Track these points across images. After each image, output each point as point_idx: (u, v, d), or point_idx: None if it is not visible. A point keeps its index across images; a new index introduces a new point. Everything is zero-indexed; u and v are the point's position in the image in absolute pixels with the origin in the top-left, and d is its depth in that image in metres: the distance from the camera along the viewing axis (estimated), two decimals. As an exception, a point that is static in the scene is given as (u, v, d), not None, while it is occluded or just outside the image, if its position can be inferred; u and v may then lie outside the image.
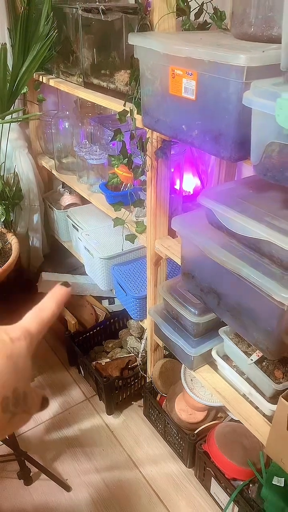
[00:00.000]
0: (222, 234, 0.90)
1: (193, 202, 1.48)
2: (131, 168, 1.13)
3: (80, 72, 1.38)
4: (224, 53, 0.69)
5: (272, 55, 0.68)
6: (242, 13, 0.82)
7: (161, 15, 0.92)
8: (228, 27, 1.02)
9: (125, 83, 1.18)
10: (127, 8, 1.07)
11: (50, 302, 0.38)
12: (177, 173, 1.41)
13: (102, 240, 1.61)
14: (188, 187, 1.55)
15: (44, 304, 0.38)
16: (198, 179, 1.55)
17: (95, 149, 1.53)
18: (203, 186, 1.52)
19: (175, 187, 1.42)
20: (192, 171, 1.56)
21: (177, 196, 1.40)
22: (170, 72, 0.83)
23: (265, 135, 0.67)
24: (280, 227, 0.76)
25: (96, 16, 1.20)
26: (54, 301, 0.38)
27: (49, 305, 0.38)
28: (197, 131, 0.84)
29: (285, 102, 0.59)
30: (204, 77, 0.76)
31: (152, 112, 0.95)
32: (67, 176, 1.71)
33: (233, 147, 0.77)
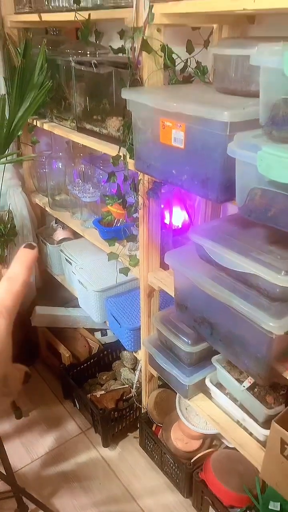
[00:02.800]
0: (212, 268, 0.97)
1: (182, 235, 1.56)
2: (125, 207, 1.21)
3: (73, 117, 1.47)
4: (210, 110, 0.78)
5: (251, 112, 0.77)
6: (223, 72, 0.92)
7: (150, 71, 1.02)
8: (210, 79, 1.13)
9: (117, 129, 1.28)
10: (118, 63, 1.17)
11: (19, 269, 0.35)
12: (167, 208, 1.49)
13: (96, 273, 1.67)
14: (177, 221, 1.63)
15: (13, 273, 0.35)
16: (186, 214, 1.63)
17: (88, 187, 1.61)
18: (191, 220, 1.60)
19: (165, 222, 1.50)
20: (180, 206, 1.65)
21: (167, 230, 1.48)
22: (161, 124, 0.92)
23: (248, 181, 0.75)
24: (265, 262, 0.83)
25: (88, 69, 1.30)
26: (24, 267, 0.35)
27: (18, 273, 0.35)
28: (186, 176, 0.92)
29: (265, 155, 0.67)
30: (192, 129, 0.85)
31: (144, 157, 1.03)
32: (60, 212, 1.78)
33: (220, 190, 0.85)
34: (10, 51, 1.63)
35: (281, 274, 0.79)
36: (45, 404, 1.85)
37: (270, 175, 0.67)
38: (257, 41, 0.87)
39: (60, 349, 1.83)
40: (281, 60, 0.64)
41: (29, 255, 0.36)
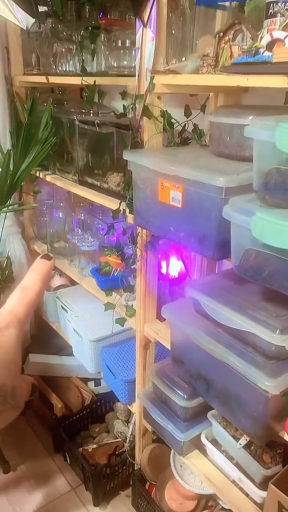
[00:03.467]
0: (208, 323, 0.98)
1: (178, 285, 1.58)
2: (123, 259, 1.23)
3: (75, 171, 1.53)
4: (206, 175, 0.83)
5: (245, 177, 0.81)
6: (219, 137, 0.98)
7: (150, 135, 1.09)
8: (207, 142, 1.20)
9: (117, 184, 1.33)
10: (119, 124, 1.24)
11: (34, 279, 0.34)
12: (164, 259, 1.52)
13: (91, 322, 1.67)
14: (173, 271, 1.66)
15: (28, 283, 0.34)
16: (183, 264, 1.67)
17: (87, 236, 1.65)
18: (187, 270, 1.63)
19: (162, 271, 1.52)
20: (177, 256, 1.68)
21: (164, 280, 1.50)
22: (159, 184, 0.97)
23: (243, 243, 0.78)
24: (261, 319, 0.85)
25: (91, 128, 1.38)
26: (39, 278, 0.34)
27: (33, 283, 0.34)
28: (183, 233, 0.95)
29: (259, 220, 0.71)
30: (189, 190, 0.90)
31: (143, 213, 1.07)
32: (58, 260, 1.80)
33: (216, 249, 0.88)
34: (17, 108, 1.72)
35: (276, 333, 0.80)
36: (34, 457, 1.78)
37: (263, 239, 0.71)
38: (250, 110, 0.94)
39: (53, 399, 1.79)
40: (273, 134, 0.69)
41: (45, 265, 0.35)
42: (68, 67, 1.42)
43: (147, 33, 0.99)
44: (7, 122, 1.72)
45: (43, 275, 0.35)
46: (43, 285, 0.35)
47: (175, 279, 1.63)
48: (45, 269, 0.35)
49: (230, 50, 0.90)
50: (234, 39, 0.91)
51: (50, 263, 0.36)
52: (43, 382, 1.91)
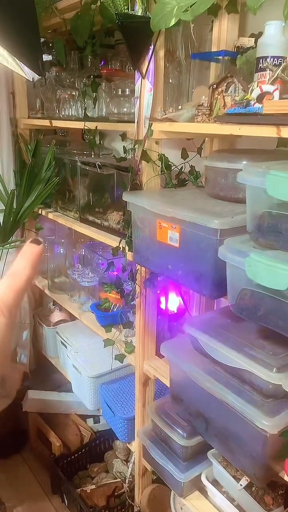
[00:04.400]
0: (207, 360, 0.99)
1: (178, 321, 1.59)
2: (123, 296, 1.26)
3: (77, 209, 1.58)
4: (202, 217, 0.87)
5: (239, 219, 0.85)
6: (214, 180, 1.03)
7: (148, 177, 1.14)
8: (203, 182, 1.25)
9: (117, 222, 1.37)
10: (120, 167, 1.30)
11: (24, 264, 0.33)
12: (163, 294, 1.54)
13: (91, 357, 1.67)
14: (172, 307, 1.68)
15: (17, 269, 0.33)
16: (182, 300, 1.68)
17: (87, 272, 1.68)
18: (186, 306, 1.64)
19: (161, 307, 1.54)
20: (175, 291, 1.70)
21: (163, 316, 1.51)
22: (158, 224, 1.01)
23: (239, 282, 0.81)
24: (258, 357, 0.86)
25: (93, 169, 1.43)
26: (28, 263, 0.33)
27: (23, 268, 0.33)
28: (181, 271, 0.98)
29: (253, 261, 0.74)
30: (186, 231, 0.93)
31: (142, 252, 1.10)
32: (58, 295, 1.82)
33: (213, 287, 0.91)
34: (21, 148, 1.80)
35: (273, 371, 0.81)
36: (31, 498, 1.73)
37: (257, 280, 0.73)
38: (243, 155, 0.99)
39: (51, 438, 1.76)
40: (264, 181, 0.73)
41: (34, 250, 0.34)
42: (71, 112, 1.50)
43: (146, 84, 1.06)
44: (12, 162, 1.78)
45: (33, 260, 0.34)
46: (33, 270, 0.34)
47: (174, 315, 1.65)
48: (34, 254, 0.34)
49: (223, 101, 0.97)
50: (227, 90, 0.97)
51: (39, 247, 0.35)
52: (42, 419, 1.88)
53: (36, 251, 0.35)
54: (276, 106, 0.77)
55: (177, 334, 1.47)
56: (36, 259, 0.34)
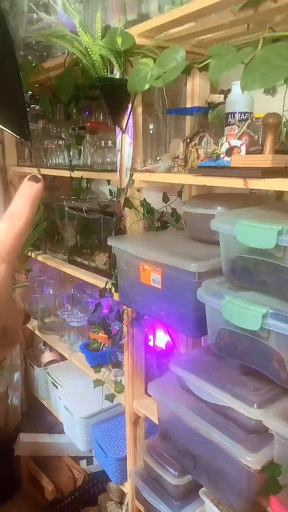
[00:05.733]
0: (192, 398, 1.02)
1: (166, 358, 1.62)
2: (110, 337, 1.29)
3: (65, 251, 1.64)
4: (181, 261, 0.93)
5: (215, 262, 0.91)
6: (192, 224, 1.10)
7: (131, 222, 1.21)
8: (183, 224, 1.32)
9: (104, 263, 1.43)
10: (105, 212, 1.37)
11: (22, 205, 0.31)
12: (151, 331, 1.58)
13: (82, 397, 1.68)
14: (160, 343, 1.71)
15: (15, 210, 0.31)
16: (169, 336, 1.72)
17: (76, 312, 1.72)
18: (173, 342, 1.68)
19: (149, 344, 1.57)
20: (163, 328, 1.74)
21: (151, 353, 1.54)
22: (141, 267, 1.06)
23: (217, 322, 0.86)
24: (239, 394, 0.90)
25: (80, 214, 1.50)
26: (27, 203, 0.31)
27: (21, 209, 0.31)
28: (164, 312, 1.03)
29: (228, 303, 0.79)
30: (167, 274, 0.99)
31: (127, 293, 1.15)
32: (49, 336, 1.85)
33: (194, 327, 0.95)
34: (11, 194, 1.87)
35: (254, 407, 0.85)
36: None
37: (233, 321, 0.79)
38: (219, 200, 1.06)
39: (43, 482, 1.74)
40: (234, 228, 0.80)
41: (33, 189, 0.32)
42: (58, 160, 1.58)
43: (126, 138, 1.14)
44: (2, 208, 1.85)
45: (32, 200, 0.32)
46: (32, 211, 0.32)
47: (162, 351, 1.68)
48: (33, 193, 0.32)
49: (197, 153, 1.05)
50: (199, 143, 1.06)
51: (38, 185, 0.33)
52: (34, 463, 1.86)
53: (35, 189, 0.32)
54: (242, 160, 0.85)
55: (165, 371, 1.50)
56: (36, 198, 0.32)
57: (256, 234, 0.75)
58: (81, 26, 1.03)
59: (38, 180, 0.33)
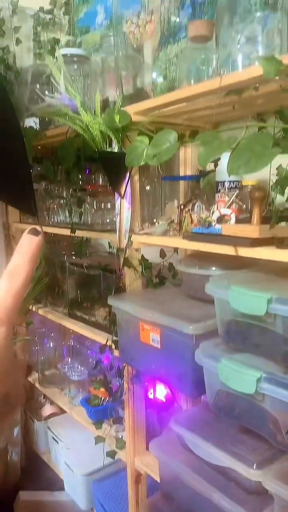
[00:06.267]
0: (193, 457, 1.03)
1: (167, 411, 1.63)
2: (111, 395, 1.31)
3: (65, 305, 1.68)
4: (178, 322, 0.97)
5: (211, 324, 0.96)
6: (188, 283, 1.15)
7: (131, 280, 1.26)
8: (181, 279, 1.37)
9: (104, 318, 1.47)
10: (105, 268, 1.43)
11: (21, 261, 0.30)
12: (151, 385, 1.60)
13: (83, 453, 1.66)
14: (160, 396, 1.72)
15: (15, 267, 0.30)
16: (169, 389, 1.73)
17: (76, 365, 1.74)
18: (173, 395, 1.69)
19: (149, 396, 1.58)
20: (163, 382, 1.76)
21: (152, 406, 1.55)
22: (141, 327, 1.11)
23: (215, 384, 0.90)
24: (239, 453, 0.92)
25: (80, 269, 1.56)
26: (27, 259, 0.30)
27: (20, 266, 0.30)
28: (163, 371, 1.07)
29: (224, 367, 0.84)
30: (166, 334, 1.03)
31: (127, 351, 1.19)
32: (49, 389, 1.85)
33: (192, 387, 0.99)
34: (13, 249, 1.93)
35: (253, 468, 0.87)
36: None
37: (229, 384, 0.82)
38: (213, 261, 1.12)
39: None
40: (227, 294, 0.85)
41: (33, 243, 0.31)
42: (59, 218, 1.66)
43: (124, 203, 1.22)
44: (4, 263, 1.91)
45: (32, 254, 0.31)
46: (32, 266, 0.31)
47: (163, 404, 1.68)
48: (33, 247, 0.31)
49: (191, 218, 1.12)
50: (193, 209, 1.13)
51: (38, 239, 0.32)
52: (33, 524, 1.81)
53: (35, 244, 0.32)
54: (232, 230, 0.92)
55: (166, 424, 1.50)
56: (36, 253, 0.31)
57: (248, 301, 0.80)
58: (82, 106, 1.14)
59: (38, 233, 0.32)
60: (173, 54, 1.38)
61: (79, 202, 1.42)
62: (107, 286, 1.49)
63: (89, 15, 1.85)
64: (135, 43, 1.50)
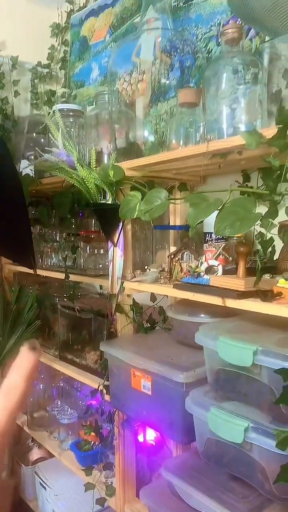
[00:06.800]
0: (184, 506, 1.04)
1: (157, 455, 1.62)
2: (102, 440, 1.32)
3: (57, 347, 1.70)
4: (169, 371, 1.01)
5: (200, 373, 1.00)
6: (178, 329, 1.19)
7: (122, 325, 1.30)
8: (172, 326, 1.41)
9: (94, 361, 1.49)
10: (97, 312, 1.46)
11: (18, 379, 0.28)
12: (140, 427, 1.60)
13: (71, 500, 1.63)
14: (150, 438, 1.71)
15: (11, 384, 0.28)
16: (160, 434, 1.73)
17: (66, 408, 1.73)
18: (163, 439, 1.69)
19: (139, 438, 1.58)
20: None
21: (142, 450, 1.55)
22: (132, 373, 1.14)
23: (204, 432, 0.92)
24: (228, 502, 0.93)
25: (72, 312, 1.59)
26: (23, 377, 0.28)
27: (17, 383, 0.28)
28: (154, 418, 1.09)
29: (213, 416, 0.87)
30: (157, 381, 1.06)
31: (119, 397, 1.21)
32: (38, 432, 1.83)
33: (183, 434, 1.01)
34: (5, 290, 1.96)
35: (243, 517, 0.88)
36: None
37: (218, 433, 0.85)
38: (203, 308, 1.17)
39: None
40: (216, 344, 0.90)
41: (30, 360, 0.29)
42: (53, 261, 1.71)
43: (117, 251, 1.28)
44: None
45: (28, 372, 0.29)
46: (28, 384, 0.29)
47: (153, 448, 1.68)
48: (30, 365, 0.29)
49: (180, 266, 1.18)
50: (182, 258, 1.19)
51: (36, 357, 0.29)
52: None
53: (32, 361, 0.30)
54: (219, 281, 0.97)
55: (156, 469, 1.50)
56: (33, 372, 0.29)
57: (235, 352, 0.85)
58: (78, 161, 1.21)
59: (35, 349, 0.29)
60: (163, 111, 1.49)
61: (72, 248, 1.47)
62: (98, 330, 1.52)
63: (84, 71, 1.98)
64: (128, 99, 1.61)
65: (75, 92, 2.01)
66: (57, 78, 2.17)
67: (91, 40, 1.94)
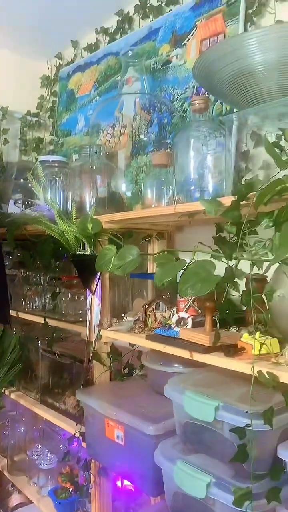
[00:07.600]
0: None
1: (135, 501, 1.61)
2: (77, 489, 1.32)
3: (38, 390, 1.71)
4: (140, 422, 1.04)
5: (169, 424, 1.02)
6: (152, 378, 1.23)
7: (99, 372, 1.33)
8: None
9: (73, 407, 1.51)
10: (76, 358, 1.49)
11: None
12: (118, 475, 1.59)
13: None
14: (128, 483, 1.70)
15: None
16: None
17: (46, 453, 1.73)
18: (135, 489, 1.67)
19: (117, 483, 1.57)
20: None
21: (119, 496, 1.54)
22: (106, 422, 1.16)
23: (171, 486, 0.95)
24: None
25: (53, 357, 1.62)
26: None
27: None
28: (127, 468, 1.11)
29: (179, 470, 0.89)
30: (129, 431, 1.09)
31: (93, 445, 1.23)
32: (18, 476, 1.81)
33: (153, 486, 1.03)
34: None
35: None
36: None
37: (182, 487, 0.88)
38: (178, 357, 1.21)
39: None
40: (182, 398, 0.93)
41: None
42: (36, 305, 1.75)
43: (95, 299, 1.33)
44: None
45: None
46: None
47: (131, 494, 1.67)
48: None
49: (154, 316, 1.23)
50: (157, 308, 1.24)
51: None
52: None
53: None
54: (188, 335, 1.02)
55: (134, 517, 1.49)
56: None
57: (199, 407, 0.88)
58: (59, 215, 1.28)
59: None
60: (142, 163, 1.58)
61: (53, 295, 1.51)
62: (77, 374, 1.54)
63: (71, 121, 2.08)
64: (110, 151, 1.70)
65: (62, 140, 2.11)
66: (45, 125, 2.28)
67: (78, 93, 2.05)
